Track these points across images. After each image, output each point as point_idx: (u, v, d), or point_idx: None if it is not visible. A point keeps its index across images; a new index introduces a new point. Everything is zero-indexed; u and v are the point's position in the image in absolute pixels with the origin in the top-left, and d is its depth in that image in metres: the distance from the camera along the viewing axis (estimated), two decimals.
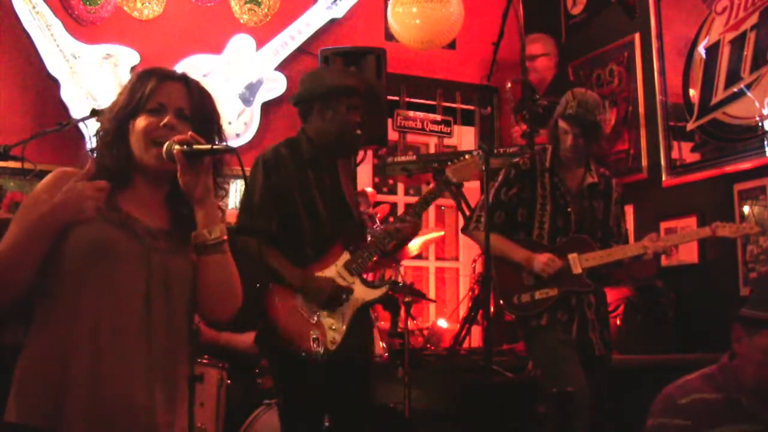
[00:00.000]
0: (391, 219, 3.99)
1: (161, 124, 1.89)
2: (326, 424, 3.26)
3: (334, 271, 3.18)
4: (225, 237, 1.91)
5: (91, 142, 1.98)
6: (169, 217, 1.95)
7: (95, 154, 1.93)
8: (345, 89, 3.27)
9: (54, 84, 4.93)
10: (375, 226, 4.46)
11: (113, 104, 1.96)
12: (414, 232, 3.40)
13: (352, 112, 3.26)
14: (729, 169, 4.70)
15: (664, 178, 5.14)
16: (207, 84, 2.05)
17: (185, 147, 1.84)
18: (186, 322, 1.95)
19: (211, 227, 1.89)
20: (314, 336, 3.07)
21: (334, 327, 3.12)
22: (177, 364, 1.92)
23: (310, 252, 3.18)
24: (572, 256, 3.58)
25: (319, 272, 3.16)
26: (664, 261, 5.05)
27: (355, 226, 3.31)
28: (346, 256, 3.22)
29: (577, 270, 3.57)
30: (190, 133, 1.86)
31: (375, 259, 3.26)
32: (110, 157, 1.91)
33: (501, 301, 3.76)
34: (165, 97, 1.92)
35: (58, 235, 1.81)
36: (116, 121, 1.92)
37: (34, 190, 1.90)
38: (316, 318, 3.12)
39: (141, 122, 1.90)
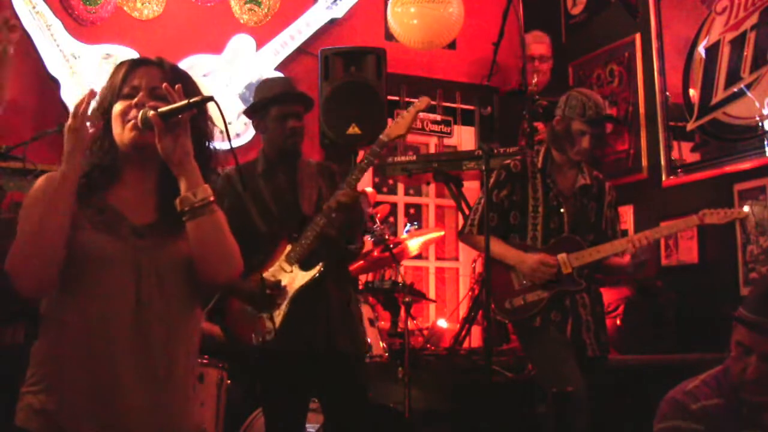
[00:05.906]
0: (391, 219, 3.97)
1: (132, 103, 1.91)
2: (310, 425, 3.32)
3: (277, 266, 3.20)
4: (212, 198, 1.88)
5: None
6: (157, 207, 1.94)
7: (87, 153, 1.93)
8: (269, 101, 3.28)
9: (54, 84, 4.93)
10: (375, 227, 4.47)
11: (98, 101, 1.97)
12: (352, 201, 3.33)
13: (284, 121, 3.26)
14: (729, 169, 4.70)
15: (664, 178, 5.14)
16: (207, 84, 2.05)
17: (159, 108, 1.85)
18: (186, 311, 1.94)
19: (195, 189, 1.87)
20: (255, 327, 3.14)
21: (269, 317, 3.14)
22: (178, 360, 1.90)
23: (263, 254, 3.21)
24: (561, 256, 3.56)
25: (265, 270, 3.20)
26: (664, 261, 5.06)
27: (301, 218, 3.27)
28: (288, 248, 3.24)
29: (567, 270, 3.55)
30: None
31: (320, 267, 3.20)
32: (98, 150, 1.92)
33: (492, 307, 3.75)
34: (138, 80, 1.94)
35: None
36: (102, 115, 1.94)
37: (32, 189, 1.91)
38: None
39: (116, 108, 1.93)
